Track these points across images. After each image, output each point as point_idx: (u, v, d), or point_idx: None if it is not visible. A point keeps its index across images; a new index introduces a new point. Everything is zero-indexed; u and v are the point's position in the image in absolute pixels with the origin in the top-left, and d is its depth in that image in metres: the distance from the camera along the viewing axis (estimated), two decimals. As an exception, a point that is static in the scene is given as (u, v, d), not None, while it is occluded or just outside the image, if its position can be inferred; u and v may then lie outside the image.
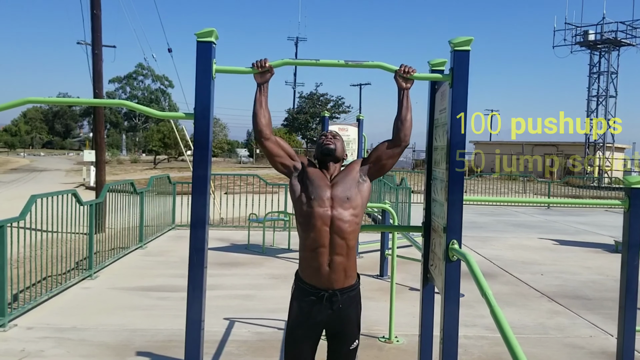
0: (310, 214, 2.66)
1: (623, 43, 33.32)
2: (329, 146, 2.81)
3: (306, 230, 2.68)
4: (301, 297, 2.73)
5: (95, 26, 10.93)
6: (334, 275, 2.66)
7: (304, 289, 2.72)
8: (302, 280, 2.74)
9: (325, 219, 2.65)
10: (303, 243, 2.72)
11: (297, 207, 2.74)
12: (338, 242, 2.65)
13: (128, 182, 8.62)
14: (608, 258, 8.90)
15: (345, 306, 2.72)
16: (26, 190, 16.81)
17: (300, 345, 2.75)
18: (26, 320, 4.99)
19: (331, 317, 2.70)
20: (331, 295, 2.68)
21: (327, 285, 2.67)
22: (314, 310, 2.69)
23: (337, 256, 2.66)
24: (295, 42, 61.26)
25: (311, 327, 2.72)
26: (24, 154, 69.87)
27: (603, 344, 4.82)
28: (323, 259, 2.65)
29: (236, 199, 12.39)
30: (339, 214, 2.66)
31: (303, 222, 2.70)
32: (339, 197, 2.69)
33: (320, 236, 2.64)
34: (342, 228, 2.65)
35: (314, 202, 2.67)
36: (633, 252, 3.46)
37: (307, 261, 2.70)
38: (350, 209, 2.69)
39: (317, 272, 2.67)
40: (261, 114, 2.77)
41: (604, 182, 30.46)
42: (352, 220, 2.68)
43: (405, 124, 2.82)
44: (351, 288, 2.74)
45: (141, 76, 75.59)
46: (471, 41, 2.79)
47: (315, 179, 2.73)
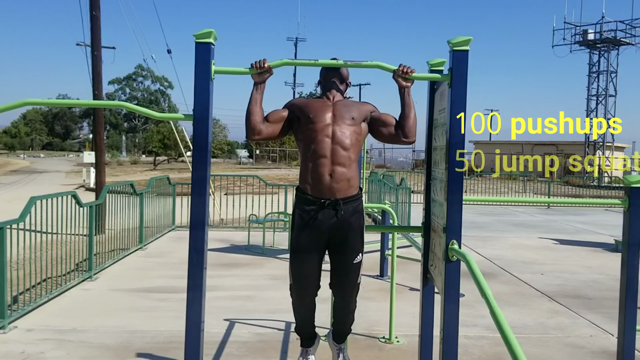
0: (311, 129, 2.68)
1: (622, 42, 33.32)
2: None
3: (307, 143, 2.68)
4: (303, 206, 2.71)
5: (94, 27, 10.93)
6: (335, 184, 2.65)
7: (305, 198, 2.70)
8: (303, 192, 2.73)
9: (327, 131, 2.67)
10: (304, 157, 2.71)
11: (298, 129, 2.74)
12: (340, 152, 2.65)
13: (128, 183, 8.62)
14: (608, 257, 8.89)
15: (348, 215, 2.70)
16: (26, 192, 16.80)
17: (305, 256, 2.74)
18: (26, 322, 4.99)
19: (335, 225, 2.68)
20: (334, 203, 2.66)
21: (329, 195, 2.66)
22: (317, 217, 2.67)
23: (339, 166, 2.65)
24: (295, 42, 61.31)
25: (315, 235, 2.70)
26: (23, 156, 69.87)
27: (604, 344, 4.81)
28: (324, 169, 2.64)
29: (236, 199, 12.38)
30: (340, 128, 2.69)
31: (303, 137, 2.70)
32: (342, 115, 2.73)
33: (321, 147, 2.64)
34: (344, 139, 2.66)
35: (315, 118, 2.69)
36: (633, 251, 3.46)
37: (308, 172, 2.69)
38: (353, 127, 2.73)
39: (319, 182, 2.65)
40: (256, 112, 2.79)
41: (604, 182, 30.46)
42: (354, 134, 2.71)
43: (409, 122, 2.85)
44: (354, 198, 2.73)
45: (141, 77, 75.68)
46: (470, 41, 2.79)
47: (315, 104, 2.78)
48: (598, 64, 34.02)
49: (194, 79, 2.80)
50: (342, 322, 3.18)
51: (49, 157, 71.98)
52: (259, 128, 2.80)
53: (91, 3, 10.89)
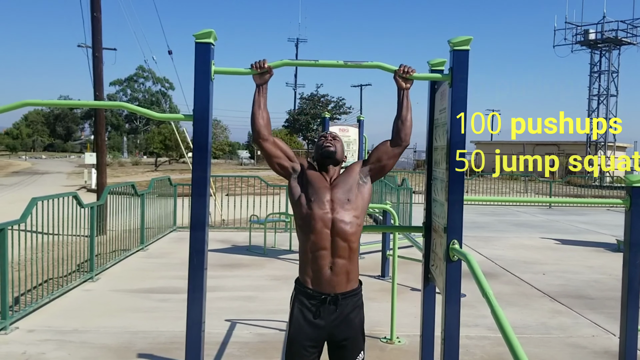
0: (310, 216, 2.58)
1: (624, 42, 33.29)
2: (329, 148, 2.75)
3: (306, 232, 2.59)
4: (302, 301, 2.61)
5: (95, 29, 10.95)
6: (336, 278, 2.56)
7: (305, 292, 2.60)
8: (302, 285, 2.63)
9: (326, 221, 2.57)
10: (303, 246, 2.62)
11: (296, 210, 2.67)
12: (340, 244, 2.56)
13: (129, 184, 8.62)
14: (610, 257, 8.88)
15: (348, 311, 2.60)
16: (28, 193, 16.83)
17: (303, 351, 2.60)
18: (27, 323, 4.99)
19: (334, 322, 2.58)
20: (334, 299, 2.57)
21: (329, 290, 2.57)
22: (316, 315, 2.57)
23: (339, 259, 2.56)
24: (296, 43, 61.40)
25: (313, 334, 2.59)
26: (25, 157, 69.94)
27: (606, 344, 4.80)
28: (324, 261, 2.56)
29: (237, 200, 12.39)
30: (340, 216, 2.58)
31: (303, 224, 2.61)
32: (340, 199, 2.61)
33: (321, 238, 2.55)
34: (344, 230, 2.57)
35: (314, 204, 2.59)
36: (635, 251, 3.45)
37: (307, 264, 2.60)
38: (352, 211, 2.61)
39: (318, 276, 2.57)
40: (260, 115, 2.74)
41: (605, 181, 30.42)
42: (354, 221, 2.60)
43: (406, 124, 2.79)
44: (354, 292, 2.63)
45: (142, 78, 75.72)
46: (470, 41, 2.79)
47: (315, 182, 2.67)
48: (599, 64, 33.99)
49: (194, 79, 2.79)
50: None
51: (51, 158, 72.06)
52: (264, 134, 2.73)
53: (92, 4, 10.91)
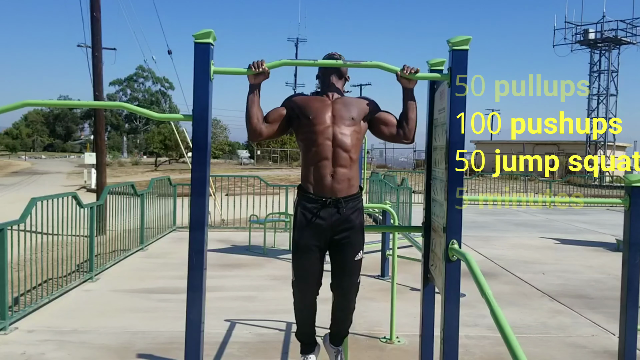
0: (311, 131, 2.72)
1: (623, 41, 33.31)
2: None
3: (308, 145, 2.73)
4: (305, 204, 2.77)
5: (95, 29, 10.94)
6: (337, 185, 2.72)
7: (307, 197, 2.76)
8: (305, 191, 2.78)
9: (327, 133, 2.71)
10: (305, 158, 2.76)
11: (298, 130, 2.78)
12: (341, 154, 2.70)
13: (129, 184, 8.62)
14: (610, 257, 8.88)
15: (349, 213, 2.77)
16: (27, 193, 16.82)
17: (308, 252, 2.80)
18: (27, 323, 4.99)
19: (336, 222, 2.74)
20: (335, 201, 2.73)
21: (330, 194, 2.72)
22: (319, 214, 2.73)
23: (341, 168, 2.71)
24: (295, 43, 61.34)
25: (317, 232, 2.76)
26: (25, 157, 69.96)
27: (605, 343, 4.80)
28: (326, 170, 2.70)
29: (237, 200, 12.39)
30: (340, 129, 2.72)
31: (304, 138, 2.74)
32: (341, 115, 2.75)
33: (322, 150, 2.69)
34: (344, 141, 2.71)
35: (314, 119, 2.72)
36: (634, 251, 3.45)
37: (310, 173, 2.74)
38: (353, 126, 2.76)
39: (320, 183, 2.71)
40: (255, 114, 2.81)
41: (605, 181, 30.42)
42: (354, 134, 2.76)
43: (411, 124, 2.89)
44: (354, 197, 2.80)
45: (142, 78, 75.74)
46: (469, 40, 2.79)
47: (314, 102, 2.81)
48: (599, 64, 34.01)
49: (193, 79, 2.80)
50: (340, 322, 3.21)
51: (50, 158, 72.07)
52: (260, 129, 2.82)
53: (92, 4, 10.90)
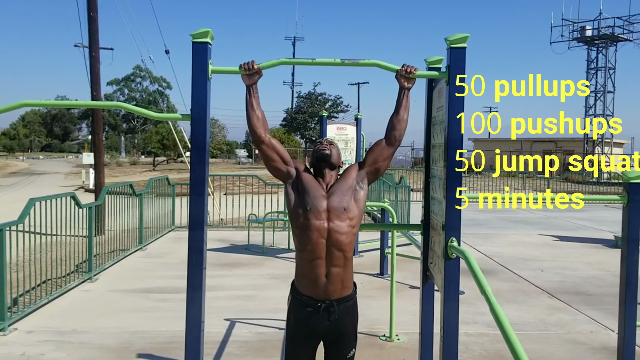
0: (307, 226, 2.63)
1: (620, 38, 33.33)
2: (324, 151, 2.76)
3: (302, 242, 2.65)
4: (298, 309, 2.73)
5: (92, 29, 10.92)
6: (331, 286, 2.65)
7: (300, 300, 2.72)
8: (298, 292, 2.73)
9: (322, 231, 2.62)
10: (299, 254, 2.70)
11: (293, 217, 2.71)
12: (335, 254, 2.63)
13: (127, 184, 8.61)
14: (608, 253, 8.90)
15: (342, 316, 2.71)
16: (25, 193, 16.80)
17: (299, 355, 2.78)
18: (26, 324, 4.98)
19: (328, 328, 2.70)
20: (328, 306, 2.67)
21: (323, 297, 2.66)
22: (311, 321, 2.69)
23: (334, 267, 2.64)
24: (293, 41, 61.26)
25: (309, 338, 2.74)
26: (22, 158, 69.82)
27: (604, 340, 4.82)
28: (320, 270, 2.64)
29: (235, 199, 12.39)
30: (335, 226, 2.63)
31: (299, 233, 2.67)
32: (336, 208, 2.65)
33: (316, 249, 2.62)
34: (340, 240, 2.63)
35: (310, 213, 2.63)
36: (632, 247, 3.46)
37: (303, 272, 2.68)
38: (347, 220, 2.66)
39: (314, 284, 2.66)
40: (254, 115, 2.75)
41: (603, 178, 30.48)
42: (349, 231, 2.66)
43: (402, 124, 2.82)
44: (348, 298, 2.73)
45: (139, 78, 75.62)
46: (467, 38, 2.79)
47: (311, 189, 2.69)
48: (596, 61, 34.03)
49: (191, 78, 2.79)
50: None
51: (48, 158, 71.94)
52: (260, 134, 2.74)
53: (89, 4, 10.88)
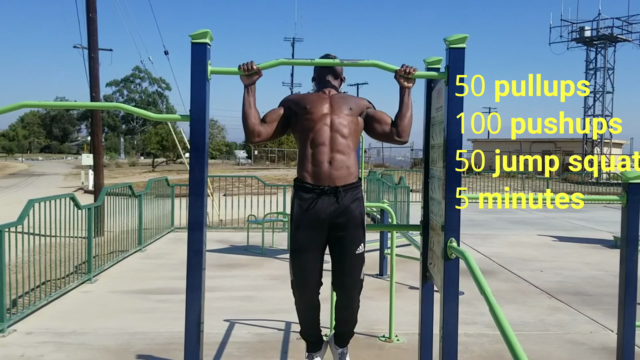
0: (309, 118, 2.67)
1: (619, 39, 33.37)
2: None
3: (305, 132, 2.66)
4: (302, 195, 2.68)
5: (91, 30, 10.91)
6: (335, 172, 2.64)
7: (304, 187, 2.68)
8: (301, 181, 2.71)
9: (325, 119, 2.67)
10: (302, 145, 2.70)
11: (296, 123, 2.73)
12: (339, 140, 2.65)
13: (126, 185, 8.61)
14: (608, 254, 8.90)
15: (349, 202, 2.68)
16: (25, 195, 16.78)
17: (306, 249, 2.70)
18: (25, 325, 4.98)
19: (335, 212, 2.65)
20: (333, 190, 2.64)
21: (328, 182, 2.64)
22: (317, 204, 2.64)
23: (338, 154, 2.64)
24: (292, 42, 61.33)
25: (315, 225, 2.67)
26: (22, 159, 69.76)
27: (604, 340, 4.82)
28: (324, 156, 2.64)
29: (235, 200, 12.39)
30: (338, 117, 2.69)
31: (301, 128, 2.69)
32: (339, 106, 2.71)
33: (320, 135, 2.63)
34: (342, 127, 2.66)
35: (312, 109, 2.68)
36: (631, 247, 3.46)
37: (307, 161, 2.67)
38: (350, 117, 2.72)
39: (318, 170, 2.64)
40: (251, 115, 2.78)
41: (602, 178, 30.49)
42: (352, 124, 2.71)
43: (405, 122, 2.85)
44: (353, 185, 2.71)
45: (138, 79, 75.65)
46: (466, 39, 2.79)
47: (310, 96, 2.77)
48: (595, 61, 34.07)
49: (190, 79, 2.79)
50: (344, 322, 3.13)
51: (47, 159, 71.87)
52: (258, 130, 2.78)
53: (87, 5, 10.87)
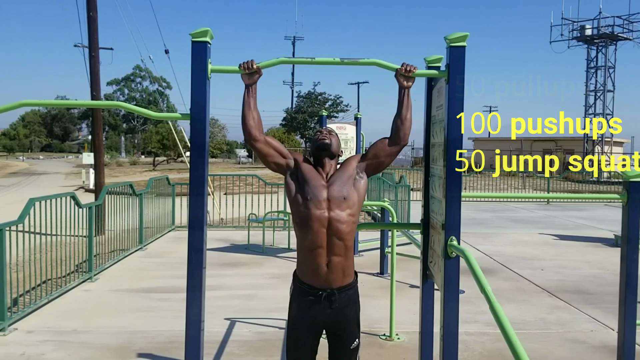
0: (307, 215, 2.64)
1: (620, 37, 33.33)
2: (324, 141, 2.78)
3: (303, 232, 2.67)
4: (300, 297, 2.74)
5: (91, 29, 10.91)
6: (332, 275, 2.66)
7: (302, 289, 2.73)
8: (300, 281, 2.75)
9: (323, 220, 2.63)
10: (301, 244, 2.72)
11: (294, 207, 2.73)
12: (336, 242, 2.64)
13: (127, 184, 8.61)
14: (608, 252, 8.90)
15: (344, 305, 2.72)
16: (26, 194, 16.80)
17: (301, 346, 2.76)
18: (26, 324, 4.99)
19: (330, 317, 2.70)
20: (329, 295, 2.68)
21: (325, 285, 2.68)
22: (313, 309, 2.69)
23: (335, 257, 2.65)
24: (293, 41, 61.27)
25: (311, 327, 2.73)
26: (23, 158, 69.81)
27: (604, 338, 4.82)
28: (321, 259, 2.65)
29: (236, 199, 12.39)
30: (336, 215, 2.64)
31: (300, 223, 2.69)
32: (336, 197, 2.66)
33: (317, 238, 2.63)
34: (340, 229, 2.64)
35: (310, 203, 2.64)
36: (632, 246, 3.46)
37: (305, 262, 2.70)
38: (347, 209, 2.67)
39: (315, 273, 2.67)
40: (250, 115, 2.76)
41: (603, 177, 30.47)
42: (349, 220, 2.67)
43: (405, 123, 2.82)
44: (349, 287, 2.74)
45: (139, 78, 75.63)
46: (467, 37, 2.79)
47: (311, 179, 2.71)
48: (596, 60, 34.03)
49: (191, 78, 2.79)
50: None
51: (48, 158, 71.91)
52: (255, 135, 2.76)
53: (88, 4, 10.88)
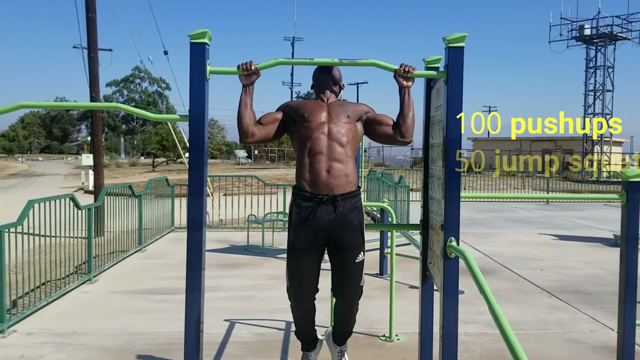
0: (307, 127, 2.66)
1: (619, 37, 33.36)
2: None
3: (303, 141, 2.65)
4: (300, 202, 2.67)
5: (90, 30, 10.90)
6: (333, 180, 2.62)
7: (303, 195, 2.66)
8: (299, 189, 2.69)
9: (322, 128, 2.65)
10: (300, 154, 2.68)
11: (294, 131, 2.72)
12: (336, 148, 2.63)
13: (126, 185, 8.60)
14: (608, 252, 8.90)
15: (347, 211, 2.65)
16: (25, 195, 16.78)
17: (303, 256, 2.68)
18: (25, 325, 4.98)
19: (333, 221, 2.63)
20: (332, 199, 2.62)
21: (327, 191, 2.62)
22: (315, 214, 2.62)
23: (336, 162, 2.63)
24: (292, 42, 61.32)
25: (313, 233, 2.65)
26: (22, 159, 69.75)
27: (604, 339, 4.81)
28: (321, 165, 2.62)
29: (235, 200, 12.39)
30: (335, 125, 2.67)
31: (299, 136, 2.68)
32: (337, 114, 2.70)
33: (317, 144, 2.62)
34: (340, 136, 2.65)
35: (309, 117, 2.67)
36: (631, 246, 3.46)
37: (305, 169, 2.66)
38: (348, 125, 2.70)
39: (316, 179, 2.62)
40: (247, 115, 2.78)
41: (602, 177, 30.48)
42: (350, 132, 2.69)
43: (407, 121, 2.83)
44: (352, 194, 2.69)
45: (138, 79, 75.68)
46: (465, 37, 2.79)
47: (308, 104, 2.77)
48: (595, 59, 34.06)
49: (189, 79, 2.79)
50: (343, 324, 3.10)
51: (48, 160, 71.86)
52: (252, 130, 2.78)
53: (87, 5, 10.87)
